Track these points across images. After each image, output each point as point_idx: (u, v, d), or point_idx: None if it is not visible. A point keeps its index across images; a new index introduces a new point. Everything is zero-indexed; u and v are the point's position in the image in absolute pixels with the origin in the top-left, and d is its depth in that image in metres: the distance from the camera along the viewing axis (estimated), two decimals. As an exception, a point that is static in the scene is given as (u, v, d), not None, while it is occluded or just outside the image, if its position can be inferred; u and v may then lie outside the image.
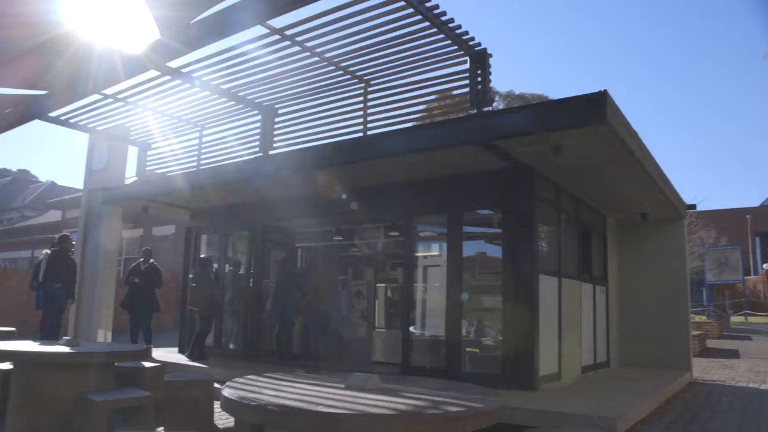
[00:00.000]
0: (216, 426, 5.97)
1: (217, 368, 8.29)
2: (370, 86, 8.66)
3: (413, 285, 8.17)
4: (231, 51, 7.85)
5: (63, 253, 10.02)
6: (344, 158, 7.28)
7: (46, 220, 36.87)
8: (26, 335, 8.05)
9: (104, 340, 11.29)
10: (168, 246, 22.49)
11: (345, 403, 3.19)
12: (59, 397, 5.08)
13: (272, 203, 9.60)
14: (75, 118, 10.28)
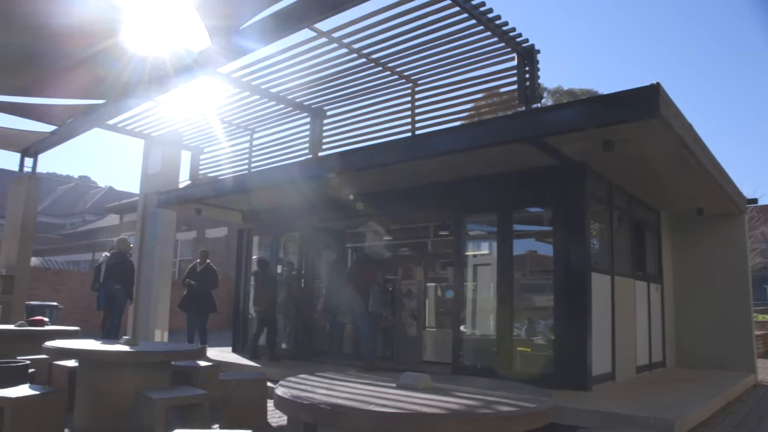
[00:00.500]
0: (269, 424, 6.06)
1: (269, 367, 8.43)
2: (417, 86, 8.67)
3: (463, 284, 8.13)
4: (280, 55, 7.98)
5: (122, 255, 10.31)
6: (393, 158, 7.29)
7: (105, 224, 38.08)
8: (89, 335, 8.34)
9: (161, 339, 11.61)
10: (221, 247, 22.94)
11: (397, 403, 3.19)
12: (120, 394, 5.26)
13: (322, 204, 9.70)
14: (131, 125, 10.62)
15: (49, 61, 7.62)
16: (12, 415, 4.48)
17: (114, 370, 5.38)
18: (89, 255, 32.58)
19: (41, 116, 10.15)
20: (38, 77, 8.22)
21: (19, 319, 9.85)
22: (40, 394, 4.82)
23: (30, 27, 6.80)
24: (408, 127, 8.76)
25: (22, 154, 12.13)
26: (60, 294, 17.83)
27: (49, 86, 8.68)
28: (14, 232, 11.91)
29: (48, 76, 8.17)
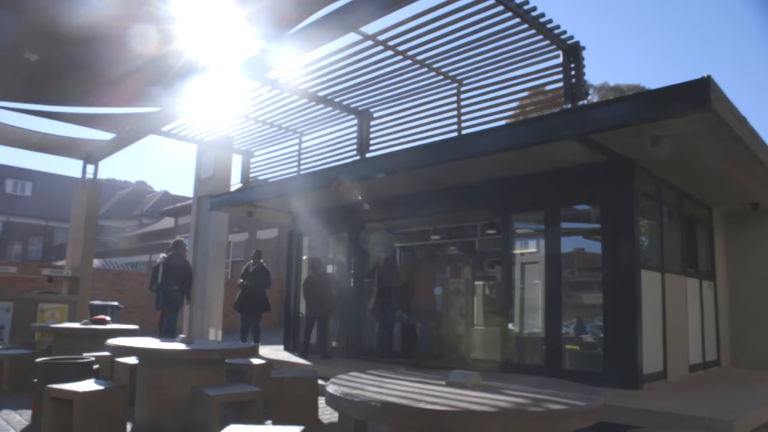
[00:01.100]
0: (320, 421, 6.17)
1: (320, 365, 8.58)
2: (462, 86, 8.69)
3: (511, 282, 8.12)
4: (327, 59, 8.12)
5: (178, 257, 10.61)
6: (440, 158, 7.35)
7: (161, 227, 39.11)
8: (147, 333, 8.66)
9: (215, 338, 11.92)
10: (272, 248, 23.31)
11: (446, 400, 3.19)
12: (177, 390, 5.45)
13: (371, 204, 9.80)
14: (184, 131, 10.93)
15: (105, 71, 7.94)
16: (80, 408, 4.71)
17: (171, 368, 5.58)
18: (146, 256, 33.53)
19: (101, 125, 10.56)
20: (97, 87, 8.57)
21: (83, 318, 10.28)
22: (104, 389, 5.04)
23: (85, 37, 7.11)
24: (454, 127, 8.79)
25: (85, 161, 12.61)
26: (120, 294, 18.47)
27: (107, 95, 9.02)
28: (78, 236, 12.39)
29: (105, 86, 8.50)
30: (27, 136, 11.34)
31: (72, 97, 9.21)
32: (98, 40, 7.16)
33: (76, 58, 7.70)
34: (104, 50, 7.33)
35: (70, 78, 8.30)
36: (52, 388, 4.97)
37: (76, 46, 7.41)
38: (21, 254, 46.78)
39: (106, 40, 7.08)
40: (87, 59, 7.64)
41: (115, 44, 7.24)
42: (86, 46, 7.37)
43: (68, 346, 8.02)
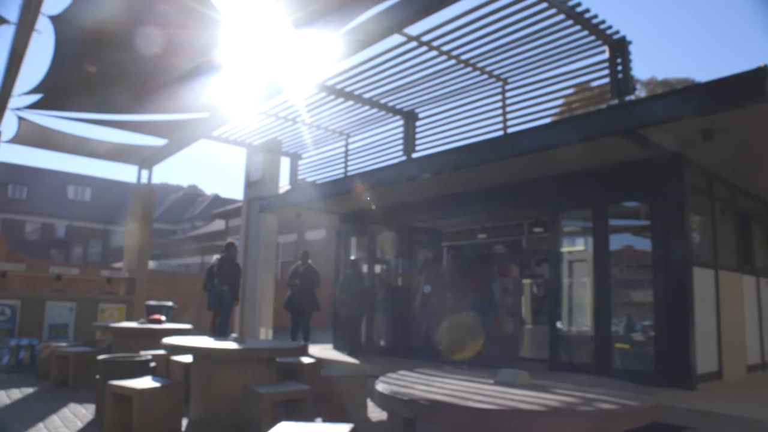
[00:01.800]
0: (369, 419, 6.21)
1: (369, 364, 8.64)
2: (507, 84, 8.65)
3: (559, 280, 8.04)
4: (372, 61, 8.20)
5: (229, 258, 10.84)
6: (485, 158, 7.33)
7: (212, 229, 39.89)
8: (200, 332, 8.89)
9: (266, 337, 12.12)
10: (320, 249, 23.52)
11: (495, 399, 3.20)
12: (230, 388, 5.60)
13: (417, 204, 9.83)
14: (233, 135, 11.17)
15: (157, 78, 8.19)
16: (139, 403, 4.89)
17: (224, 366, 5.73)
18: (198, 258, 34.26)
19: (154, 131, 10.88)
20: (150, 95, 8.85)
21: (140, 317, 10.62)
22: (160, 386, 5.19)
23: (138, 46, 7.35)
24: (499, 126, 8.76)
25: (139, 166, 13.02)
26: (174, 294, 18.92)
27: (160, 102, 9.31)
28: (134, 239, 12.79)
29: (158, 93, 8.77)
30: (85, 144, 11.79)
31: (127, 106, 9.53)
32: (150, 49, 7.40)
33: (130, 67, 7.97)
34: (156, 58, 7.57)
35: (125, 87, 8.60)
36: (112, 384, 5.16)
37: (130, 56, 7.67)
38: (82, 256, 48.50)
39: (158, 48, 7.31)
40: (140, 68, 7.91)
41: (167, 52, 7.47)
42: (139, 55, 7.63)
43: (126, 344, 8.31)
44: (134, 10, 6.61)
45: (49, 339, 10.73)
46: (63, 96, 9.14)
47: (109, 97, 9.08)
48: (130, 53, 7.58)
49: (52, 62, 7.77)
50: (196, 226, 49.10)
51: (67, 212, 49.68)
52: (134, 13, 6.68)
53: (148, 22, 6.88)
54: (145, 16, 6.73)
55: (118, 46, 7.47)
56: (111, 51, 7.61)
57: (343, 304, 10.12)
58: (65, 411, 6.22)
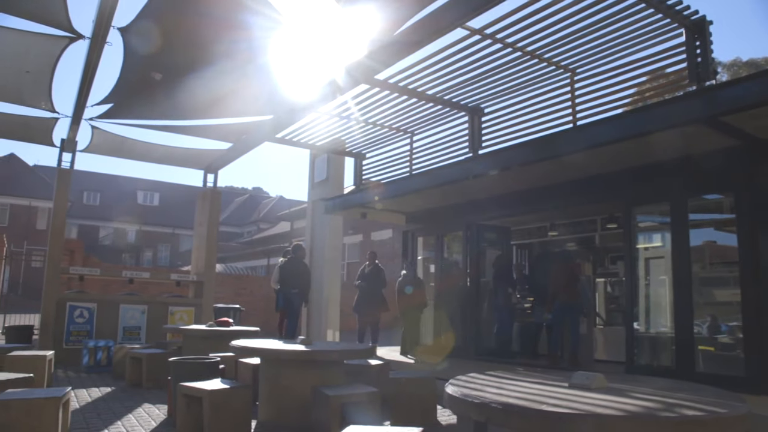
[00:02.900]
0: (439, 422, 6.11)
1: (437, 365, 8.53)
2: (576, 75, 8.34)
3: (635, 279, 7.71)
4: (434, 56, 8.06)
5: (297, 260, 10.91)
6: (555, 151, 7.09)
7: (277, 231, 40.58)
8: (267, 334, 8.97)
9: (333, 339, 12.15)
10: (386, 249, 23.54)
11: (569, 403, 3.09)
12: (298, 390, 5.59)
13: (484, 202, 9.67)
14: (297, 137, 11.23)
15: (220, 82, 8.31)
16: (209, 404, 4.93)
17: (292, 368, 5.72)
18: (265, 260, 34.90)
19: (219, 135, 11.08)
20: (213, 99, 8.99)
21: (208, 320, 10.82)
22: (230, 387, 5.23)
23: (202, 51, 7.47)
24: (569, 118, 8.45)
25: (205, 170, 13.30)
26: (241, 297, 19.29)
27: (224, 107, 9.45)
28: (201, 242, 13.07)
29: (221, 97, 8.90)
30: (153, 150, 12.11)
31: (192, 111, 9.73)
32: (213, 53, 7.50)
33: (194, 72, 8.11)
34: (219, 62, 7.67)
35: (189, 92, 8.76)
36: (183, 385, 5.24)
37: (194, 61, 7.81)
38: (152, 260, 50.32)
39: (221, 51, 7.41)
40: (204, 72, 8.03)
41: (230, 55, 7.56)
42: (203, 60, 7.75)
43: (196, 346, 8.46)
44: (197, 15, 6.69)
45: (123, 341, 11.08)
46: (132, 104, 9.41)
47: (175, 103, 9.28)
48: (194, 58, 7.71)
49: (121, 72, 7.99)
50: (262, 229, 50.09)
51: (137, 217, 51.67)
52: (197, 19, 6.76)
53: (210, 26, 6.96)
54: (207, 21, 6.81)
55: (182, 53, 7.61)
56: (175, 57, 7.76)
57: (399, 304, 10.14)
58: (140, 410, 6.40)
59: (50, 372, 7.51)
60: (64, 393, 4.80)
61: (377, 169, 12.17)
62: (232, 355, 7.23)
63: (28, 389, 5.29)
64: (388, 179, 11.54)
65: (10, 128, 11.18)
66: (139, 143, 11.62)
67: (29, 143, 16.06)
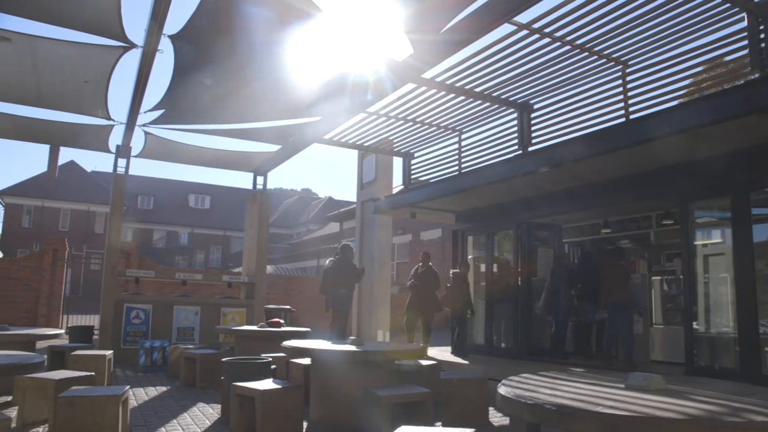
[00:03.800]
0: (491, 423, 6.04)
1: (489, 366, 8.43)
2: (628, 67, 8.11)
3: (694, 277, 7.45)
4: (481, 53, 7.97)
5: (345, 260, 10.96)
6: (607, 147, 6.92)
7: (327, 232, 40.91)
8: (318, 335, 9.02)
9: (383, 339, 12.15)
10: (436, 249, 23.47)
11: (626, 404, 3.00)
12: (349, 390, 5.59)
13: (535, 200, 9.53)
14: (345, 138, 11.27)
15: (268, 85, 8.40)
16: (261, 404, 4.97)
17: (342, 368, 5.73)
18: (314, 261, 35.23)
19: (268, 138, 11.21)
20: (262, 102, 9.10)
21: (260, 321, 10.96)
22: (281, 387, 5.27)
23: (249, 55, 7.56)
24: (621, 112, 8.22)
25: (254, 173, 13.48)
26: (291, 298, 19.50)
27: (272, 109, 9.56)
28: (252, 244, 13.25)
29: (270, 100, 9.00)
30: (203, 154, 12.35)
31: (241, 114, 9.87)
32: (261, 56, 7.58)
33: (242, 76, 8.22)
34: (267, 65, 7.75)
35: (238, 96, 8.89)
36: (236, 385, 5.30)
37: (242, 65, 7.91)
38: (204, 262, 51.43)
39: (268, 54, 7.48)
40: (252, 76, 8.13)
41: (276, 58, 7.63)
42: (251, 64, 7.85)
43: (248, 346, 8.58)
44: (244, 20, 6.77)
45: (177, 341, 11.32)
46: (182, 109, 9.60)
47: (224, 106, 9.43)
48: (241, 63, 7.81)
49: (171, 78, 8.16)
50: (311, 230, 50.61)
51: (189, 220, 52.96)
52: (244, 24, 6.84)
53: (258, 30, 7.03)
54: (255, 25, 6.88)
55: (230, 57, 7.72)
56: (224, 62, 7.88)
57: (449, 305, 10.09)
58: (195, 409, 6.51)
59: (110, 371, 7.72)
60: (123, 391, 4.93)
61: (426, 169, 12.12)
62: (284, 355, 7.30)
63: (91, 387, 5.47)
64: (436, 178, 11.48)
65: (70, 136, 11.60)
66: (190, 147, 11.86)
67: (87, 150, 16.71)
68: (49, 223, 44.55)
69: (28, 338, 8.23)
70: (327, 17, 6.56)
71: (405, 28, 6.52)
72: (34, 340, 8.38)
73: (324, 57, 7.60)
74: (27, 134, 11.81)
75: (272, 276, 22.23)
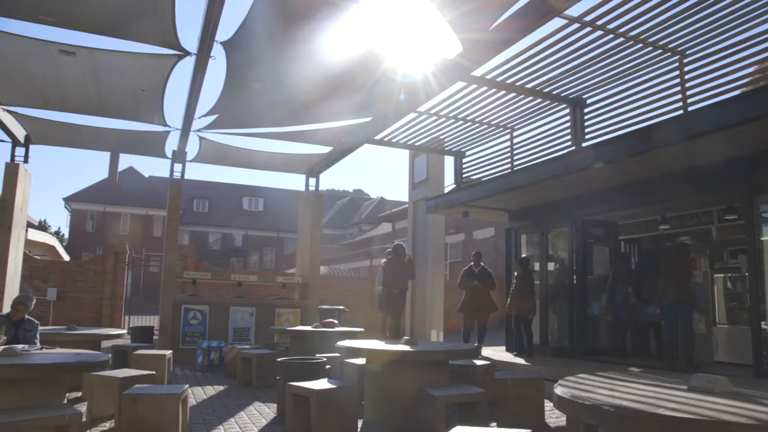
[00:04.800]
0: (547, 424, 5.95)
1: (545, 366, 8.29)
2: (685, 57, 7.84)
3: (761, 274, 7.15)
4: (531, 49, 7.85)
5: (397, 260, 10.95)
6: (665, 140, 6.71)
7: (379, 232, 40.97)
8: (371, 335, 9.05)
9: (437, 339, 12.10)
10: (489, 248, 23.25)
11: (689, 407, 2.89)
12: (403, 390, 5.58)
13: (589, 196, 9.33)
14: (396, 138, 11.28)
15: (318, 87, 8.47)
16: (317, 404, 5.02)
17: (397, 368, 5.72)
18: (367, 262, 35.36)
19: (319, 140, 11.31)
20: (312, 104, 9.18)
21: (314, 321, 11.05)
22: (336, 387, 5.30)
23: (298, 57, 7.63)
24: (678, 104, 7.96)
25: (307, 175, 13.63)
26: (345, 298, 19.58)
27: (323, 112, 9.63)
28: (305, 245, 13.40)
29: (320, 102, 9.07)
30: (256, 157, 12.55)
31: (292, 117, 9.98)
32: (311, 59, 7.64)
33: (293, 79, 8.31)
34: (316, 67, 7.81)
35: (289, 99, 9.00)
36: (291, 385, 5.38)
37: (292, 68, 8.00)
38: (258, 264, 52.28)
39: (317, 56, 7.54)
40: (302, 79, 8.20)
41: (326, 60, 7.68)
42: (301, 67, 7.92)
43: (302, 346, 8.66)
44: (293, 23, 6.83)
45: (233, 341, 11.53)
46: (235, 114, 9.78)
47: (276, 110, 9.56)
48: (291, 66, 7.90)
49: (224, 84, 8.32)
50: (363, 230, 50.82)
51: (243, 222, 53.91)
52: (294, 26, 6.91)
53: (307, 33, 7.09)
54: (304, 28, 6.94)
55: (281, 61, 7.81)
56: (274, 66, 7.98)
57: (511, 304, 9.94)
58: (251, 408, 6.63)
59: (170, 370, 7.93)
60: (183, 390, 5.07)
61: (477, 167, 12.02)
62: (338, 355, 7.34)
63: (152, 385, 5.66)
64: (488, 176, 11.37)
65: (129, 143, 11.99)
66: (243, 151, 12.07)
67: (145, 156, 17.27)
68: (110, 227, 46.07)
69: (94, 338, 8.54)
70: (375, 19, 6.57)
71: (453, 26, 6.47)
72: (99, 340, 8.68)
73: (373, 58, 7.60)
74: (90, 142, 12.28)
75: (325, 276, 22.38)
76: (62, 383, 4.96)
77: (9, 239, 10.51)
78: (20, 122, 10.64)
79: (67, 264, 20.87)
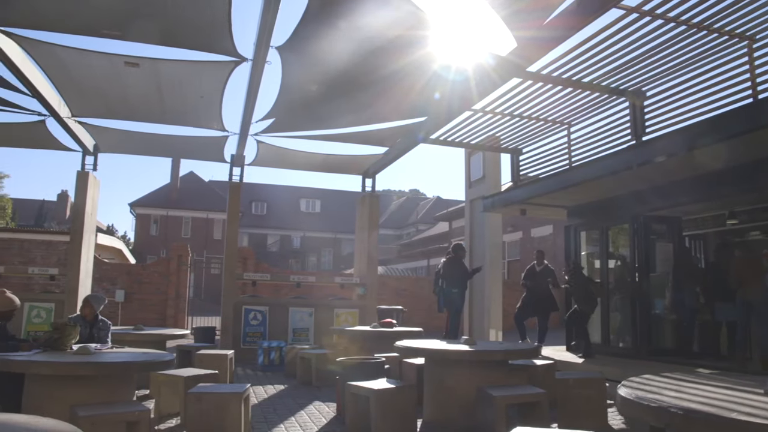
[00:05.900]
0: (610, 426, 5.82)
1: (606, 366, 8.09)
2: (755, 42, 7.48)
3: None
4: (587, 42, 7.65)
5: (456, 260, 10.89)
6: (733, 131, 6.45)
7: (436, 232, 40.92)
8: (430, 335, 9.02)
9: (496, 339, 11.97)
10: (547, 246, 22.89)
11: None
12: (462, 389, 5.56)
13: (651, 192, 9.06)
14: (451, 136, 11.20)
15: (372, 88, 8.49)
16: (376, 403, 5.04)
17: (456, 368, 5.70)
18: (424, 261, 35.32)
19: (375, 140, 11.34)
20: (368, 105, 9.21)
21: (372, 321, 11.09)
22: (395, 387, 5.32)
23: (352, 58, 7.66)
24: (747, 93, 7.61)
25: (363, 176, 13.69)
26: (402, 298, 19.61)
27: (378, 112, 9.65)
28: (362, 246, 13.45)
29: (376, 103, 9.10)
30: (312, 159, 12.67)
31: (348, 118, 10.04)
32: (365, 60, 7.67)
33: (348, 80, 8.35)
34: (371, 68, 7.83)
35: (344, 100, 9.05)
36: (351, 384, 5.42)
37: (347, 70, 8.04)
38: (315, 265, 52.94)
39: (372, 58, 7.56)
40: (357, 80, 8.24)
41: (381, 60, 7.69)
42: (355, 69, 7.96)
43: (361, 347, 8.70)
44: (346, 24, 6.87)
45: (293, 341, 11.68)
46: (291, 117, 9.90)
47: (331, 112, 9.63)
48: (346, 68, 7.94)
49: (280, 88, 8.44)
50: (420, 230, 50.83)
51: (301, 224, 54.68)
52: (347, 26, 6.95)
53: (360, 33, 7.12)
54: (357, 29, 6.97)
55: (335, 63, 7.87)
56: (329, 68, 8.04)
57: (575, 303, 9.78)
58: (311, 407, 6.70)
59: (231, 369, 8.10)
60: (245, 389, 5.18)
61: (534, 164, 11.82)
62: (397, 355, 7.34)
63: (215, 384, 5.81)
64: (546, 173, 11.17)
65: (190, 149, 12.32)
66: (300, 153, 12.21)
67: (205, 161, 17.83)
68: (173, 231, 47.46)
69: (160, 338, 8.81)
70: (428, 17, 6.54)
71: (508, 23, 6.37)
72: (165, 340, 8.95)
73: (427, 57, 7.57)
74: (153, 149, 12.68)
75: (383, 276, 22.46)
76: (132, 381, 5.14)
77: (81, 244, 10.99)
78: (89, 132, 11.09)
79: (134, 267, 21.65)
